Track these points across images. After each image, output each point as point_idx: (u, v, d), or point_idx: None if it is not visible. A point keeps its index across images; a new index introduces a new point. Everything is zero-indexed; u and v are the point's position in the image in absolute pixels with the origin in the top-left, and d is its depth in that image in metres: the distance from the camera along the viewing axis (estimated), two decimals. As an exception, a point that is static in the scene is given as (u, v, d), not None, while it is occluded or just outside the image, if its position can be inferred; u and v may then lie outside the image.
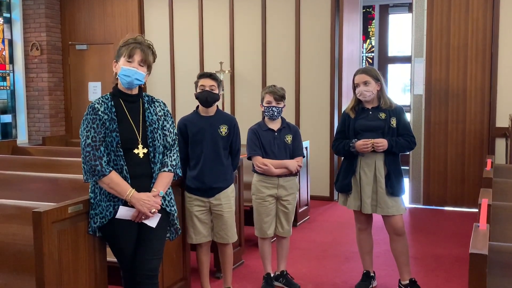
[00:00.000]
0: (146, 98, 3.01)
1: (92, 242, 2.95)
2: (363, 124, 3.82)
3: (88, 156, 2.78)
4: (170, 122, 3.04)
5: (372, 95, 3.81)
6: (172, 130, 3.04)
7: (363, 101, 3.86)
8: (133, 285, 2.94)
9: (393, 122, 3.80)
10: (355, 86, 3.88)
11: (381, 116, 3.81)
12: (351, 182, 3.87)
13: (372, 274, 4.09)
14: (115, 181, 2.79)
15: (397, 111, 3.84)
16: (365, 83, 3.80)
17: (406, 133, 3.84)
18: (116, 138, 2.81)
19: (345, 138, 3.89)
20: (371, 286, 4.08)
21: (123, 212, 2.84)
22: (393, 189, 3.77)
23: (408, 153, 6.68)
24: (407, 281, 3.91)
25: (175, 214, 3.08)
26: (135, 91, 2.96)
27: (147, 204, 2.82)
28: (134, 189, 2.82)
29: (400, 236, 3.87)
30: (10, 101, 8.63)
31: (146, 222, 2.89)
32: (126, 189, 2.80)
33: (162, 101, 3.09)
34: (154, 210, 2.85)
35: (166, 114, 3.04)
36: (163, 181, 2.93)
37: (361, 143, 3.74)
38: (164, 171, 2.94)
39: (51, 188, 4.00)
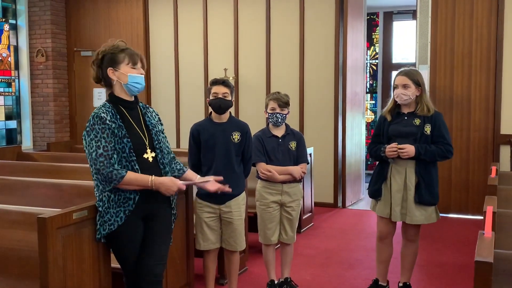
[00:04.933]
0: (141, 104, 3.06)
1: (97, 248, 2.95)
2: (396, 130, 3.73)
3: (103, 165, 2.75)
4: (162, 129, 3.14)
5: (409, 99, 3.70)
6: (165, 135, 3.14)
7: (401, 104, 3.77)
8: (137, 291, 2.94)
9: (427, 129, 3.67)
10: (394, 87, 3.77)
11: (415, 122, 3.70)
12: (381, 188, 3.80)
13: (383, 283, 4.00)
14: (134, 177, 2.81)
15: (434, 118, 3.70)
16: (404, 86, 3.69)
17: (441, 140, 3.68)
18: (128, 143, 2.82)
19: (379, 142, 3.82)
20: None
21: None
22: (422, 198, 3.66)
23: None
24: (401, 284, 3.94)
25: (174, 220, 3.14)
26: (132, 98, 2.98)
27: (171, 188, 2.91)
28: (153, 175, 2.86)
29: (410, 242, 3.87)
30: (15, 107, 8.66)
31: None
32: (147, 178, 2.84)
33: (153, 108, 3.16)
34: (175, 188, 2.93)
35: (159, 119, 3.14)
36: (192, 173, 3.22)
37: (387, 148, 3.69)
38: (185, 170, 3.19)
39: (56, 194, 4.01)
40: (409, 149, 3.62)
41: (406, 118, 3.75)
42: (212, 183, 3.23)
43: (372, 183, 3.88)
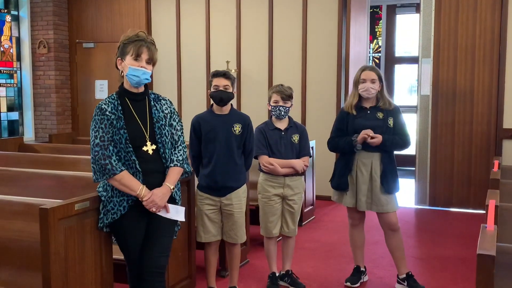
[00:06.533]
0: (153, 96, 3.04)
1: (99, 239, 2.96)
2: (362, 124, 3.87)
3: (98, 155, 2.80)
4: (176, 120, 3.07)
5: (375, 93, 3.90)
6: (178, 128, 3.07)
7: (365, 98, 3.92)
8: (139, 282, 2.94)
9: (390, 122, 3.89)
10: (360, 82, 3.91)
11: (379, 116, 3.90)
12: (347, 180, 3.96)
13: (362, 269, 4.19)
14: (126, 180, 2.81)
15: (394, 112, 3.93)
16: (373, 81, 3.87)
17: (401, 132, 3.92)
18: (124, 134, 2.83)
19: (342, 136, 3.97)
20: (361, 280, 4.17)
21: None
22: (389, 187, 3.87)
23: (409, 153, 6.66)
24: (404, 275, 3.99)
25: None
26: (141, 89, 2.98)
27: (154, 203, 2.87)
28: (144, 186, 2.84)
29: (394, 231, 3.96)
30: (17, 99, 8.66)
31: (168, 216, 2.94)
32: (137, 186, 2.82)
33: (168, 100, 3.11)
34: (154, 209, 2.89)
35: (172, 112, 3.06)
36: (173, 176, 2.97)
37: (363, 131, 3.80)
38: (171, 166, 2.97)
39: (57, 185, 4.01)
40: (378, 138, 3.80)
41: (369, 112, 3.93)
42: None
43: (337, 176, 4.05)
